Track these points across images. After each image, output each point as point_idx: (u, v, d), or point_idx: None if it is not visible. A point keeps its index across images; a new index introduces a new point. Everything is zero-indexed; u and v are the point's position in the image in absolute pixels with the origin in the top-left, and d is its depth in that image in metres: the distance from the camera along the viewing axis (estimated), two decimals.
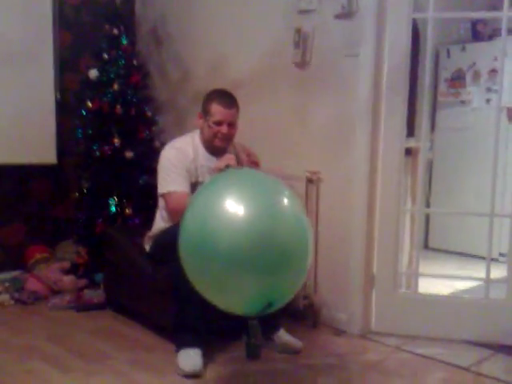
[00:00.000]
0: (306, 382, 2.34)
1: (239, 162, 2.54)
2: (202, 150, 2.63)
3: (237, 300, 1.98)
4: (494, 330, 2.70)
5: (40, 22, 3.55)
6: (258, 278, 1.86)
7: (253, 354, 2.48)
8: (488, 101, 4.49)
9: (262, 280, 1.87)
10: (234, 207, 1.85)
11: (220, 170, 2.29)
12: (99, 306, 3.12)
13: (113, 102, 3.39)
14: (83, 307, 3.11)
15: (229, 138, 2.60)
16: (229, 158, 2.38)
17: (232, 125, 2.57)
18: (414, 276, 2.92)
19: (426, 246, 4.85)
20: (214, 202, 1.90)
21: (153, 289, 2.70)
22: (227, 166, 2.28)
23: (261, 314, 1.97)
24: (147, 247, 2.75)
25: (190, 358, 2.36)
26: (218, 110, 2.54)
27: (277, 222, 1.87)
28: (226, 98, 2.58)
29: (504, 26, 2.66)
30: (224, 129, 2.55)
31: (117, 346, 2.62)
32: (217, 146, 2.60)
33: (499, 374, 2.39)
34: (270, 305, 1.94)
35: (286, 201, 1.94)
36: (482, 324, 2.73)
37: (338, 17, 2.79)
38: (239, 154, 2.68)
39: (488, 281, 2.78)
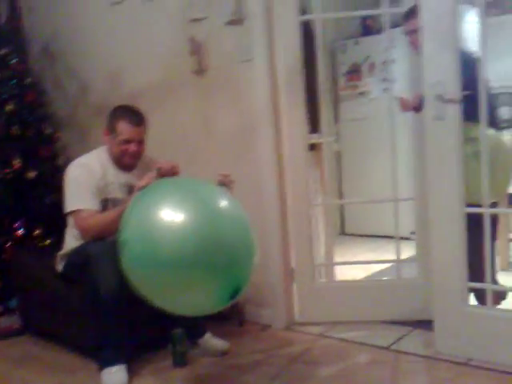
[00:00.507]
0: (232, 382, 2.36)
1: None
2: (110, 166, 2.58)
3: (204, 300, 1.99)
4: (409, 307, 2.82)
5: None
6: (214, 276, 1.90)
7: (179, 362, 2.49)
8: (385, 90, 4.71)
9: (221, 275, 1.91)
10: (172, 214, 1.88)
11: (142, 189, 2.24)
12: (17, 333, 3.00)
13: (9, 123, 3.26)
14: (0, 335, 2.97)
15: (138, 155, 2.57)
16: (149, 177, 2.31)
17: (141, 142, 2.55)
18: (331, 265, 3.03)
19: (343, 233, 5.04)
20: (150, 212, 1.91)
21: (68, 310, 2.62)
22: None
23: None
24: (59, 267, 2.66)
25: (114, 376, 2.31)
26: (125, 129, 2.50)
27: (218, 223, 1.93)
28: (133, 115, 2.54)
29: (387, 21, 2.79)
30: (133, 147, 2.52)
31: (39, 372, 2.53)
32: (126, 163, 2.57)
33: (418, 349, 2.50)
34: (236, 291, 1.97)
35: (223, 201, 2.01)
36: (397, 303, 2.85)
37: (229, 23, 2.83)
38: (149, 166, 2.66)
39: (398, 262, 2.92)
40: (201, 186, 2.12)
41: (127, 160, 2.56)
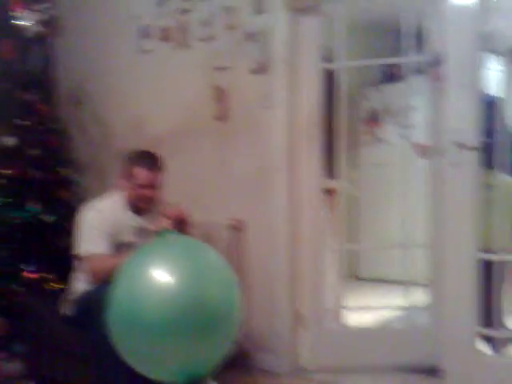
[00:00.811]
0: None
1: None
2: (124, 210, 2.61)
3: (162, 370, 1.97)
4: (421, 355, 2.75)
5: None
6: (183, 346, 1.87)
7: None
8: (402, 136, 4.70)
9: (187, 348, 1.88)
10: (161, 276, 1.90)
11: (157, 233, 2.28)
12: (20, 379, 2.96)
13: (31, 167, 3.34)
14: (5, 380, 2.95)
15: (154, 200, 2.59)
16: (166, 223, 2.36)
17: (156, 187, 2.57)
18: (341, 310, 2.97)
19: (357, 278, 4.96)
20: (141, 272, 1.93)
21: (75, 357, 2.60)
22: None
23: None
24: (67, 311, 2.65)
25: None
26: (141, 174, 2.53)
27: (204, 288, 1.93)
28: (150, 160, 2.58)
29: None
30: (148, 192, 2.54)
31: None
32: (141, 208, 2.59)
33: None
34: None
35: (213, 267, 2.01)
36: (409, 350, 2.80)
37: (252, 71, 2.92)
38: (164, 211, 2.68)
39: (410, 309, 2.89)
40: (197, 252, 2.10)
41: (142, 204, 2.58)
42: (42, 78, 3.73)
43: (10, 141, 3.39)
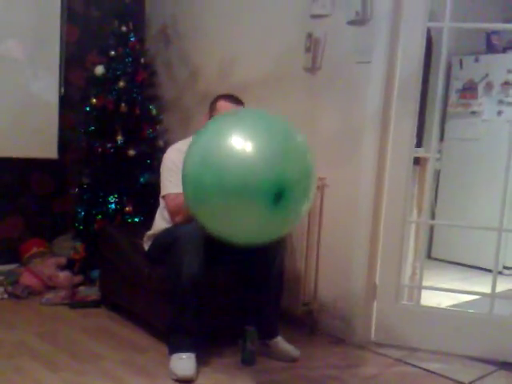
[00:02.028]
0: None
1: None
2: None
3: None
4: (497, 346, 2.63)
5: (48, 15, 3.51)
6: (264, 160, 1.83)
7: (248, 361, 2.44)
8: (499, 113, 4.43)
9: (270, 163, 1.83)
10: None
11: None
12: (94, 304, 3.06)
13: (117, 99, 3.35)
14: (77, 304, 3.06)
15: None
16: None
17: None
18: (417, 289, 2.86)
19: (428, 256, 4.79)
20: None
21: (149, 289, 2.64)
22: None
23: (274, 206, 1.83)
24: (146, 246, 2.70)
25: (183, 362, 2.29)
26: (224, 106, 2.53)
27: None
28: (234, 96, 2.59)
29: None
30: None
31: (109, 346, 2.56)
32: None
33: None
34: (280, 194, 1.82)
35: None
36: (484, 340, 2.66)
37: (351, 23, 2.75)
38: None
39: (493, 296, 2.71)
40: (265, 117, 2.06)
41: None
42: (135, 10, 3.71)
43: (99, 70, 3.41)
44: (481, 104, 4.53)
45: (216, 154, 1.87)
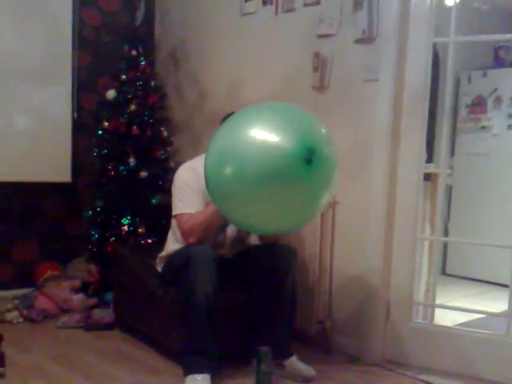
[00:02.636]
0: None
1: None
2: None
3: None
4: None
5: (59, 42, 3.59)
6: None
7: (263, 382, 2.41)
8: (510, 127, 4.43)
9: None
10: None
11: None
12: (108, 326, 3.07)
13: (129, 122, 3.40)
14: (92, 327, 3.06)
15: None
16: None
17: None
18: (430, 307, 2.83)
19: (443, 272, 4.75)
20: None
21: (163, 311, 2.64)
22: None
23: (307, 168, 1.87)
24: (159, 268, 2.71)
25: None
26: None
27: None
28: None
29: None
30: None
31: (124, 368, 2.56)
32: None
33: None
34: (311, 153, 1.87)
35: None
36: (503, 362, 2.56)
37: (357, 41, 2.78)
38: None
39: (510, 317, 2.61)
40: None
41: None
42: (145, 34, 3.78)
43: (111, 94, 3.46)
44: (490, 118, 4.53)
45: (233, 145, 1.92)
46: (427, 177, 2.99)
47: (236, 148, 1.92)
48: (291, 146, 1.85)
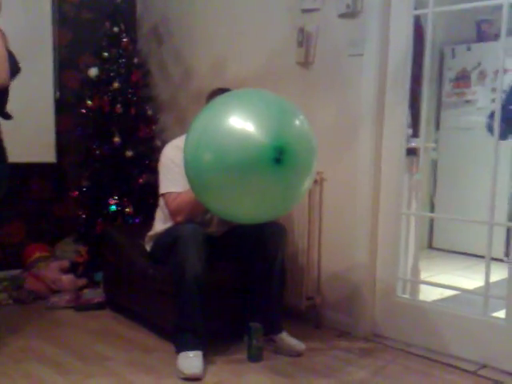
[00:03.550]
0: None
1: None
2: None
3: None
4: (492, 349, 2.49)
5: (39, 19, 3.52)
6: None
7: (254, 357, 2.45)
8: (493, 100, 4.44)
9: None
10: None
11: None
12: (98, 306, 3.08)
13: (113, 100, 3.36)
14: (82, 307, 3.07)
15: None
16: None
17: None
18: (416, 283, 2.87)
19: (430, 246, 4.82)
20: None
21: (153, 289, 2.65)
22: None
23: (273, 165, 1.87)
24: (148, 247, 2.71)
25: (190, 361, 2.31)
26: None
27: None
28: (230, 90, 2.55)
29: (504, 26, 2.55)
30: None
31: (116, 347, 2.58)
32: None
33: None
34: (279, 152, 1.87)
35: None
36: (477, 342, 2.53)
37: (342, 16, 2.76)
38: None
39: (487, 297, 2.57)
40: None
41: None
42: (127, 10, 3.70)
43: (93, 71, 3.41)
44: (475, 92, 4.55)
45: (210, 133, 1.92)
46: (413, 151, 3.01)
47: (213, 137, 1.93)
48: (261, 145, 1.86)
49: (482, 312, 2.55)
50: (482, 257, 4.17)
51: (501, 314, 2.54)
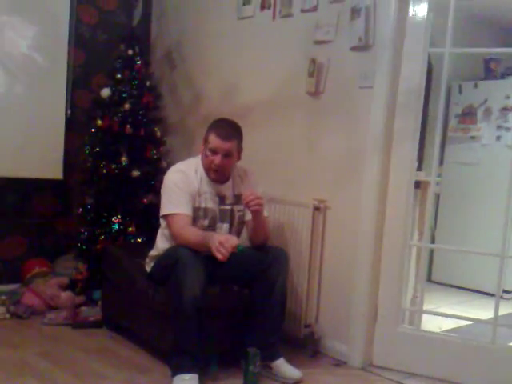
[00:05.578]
0: None
1: (242, 196, 2.58)
2: (204, 176, 2.62)
3: None
4: (502, 376, 2.56)
5: (55, 40, 3.59)
6: None
7: (250, 382, 2.43)
8: (498, 138, 4.50)
9: None
10: None
11: (232, 251, 2.32)
12: (96, 324, 3.06)
13: (123, 121, 3.40)
14: (79, 324, 3.05)
15: (222, 171, 2.58)
16: (233, 240, 2.36)
17: (227, 156, 2.55)
18: (418, 313, 2.87)
19: (428, 279, 4.79)
20: None
21: (151, 310, 2.64)
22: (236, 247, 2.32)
23: None
24: (148, 268, 2.71)
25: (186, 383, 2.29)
26: (213, 140, 2.54)
27: None
28: (226, 129, 2.57)
29: None
30: (217, 159, 2.53)
31: (111, 366, 2.56)
32: (211, 178, 2.59)
33: None
34: None
35: None
36: (488, 369, 2.60)
37: (354, 49, 2.80)
38: (243, 179, 2.70)
39: (495, 324, 2.66)
40: None
41: (212, 174, 2.58)
42: (141, 34, 3.78)
43: (105, 92, 3.46)
44: (480, 129, 4.59)
45: None
46: (417, 184, 3.03)
47: None
48: None
49: (491, 340, 2.58)
50: (480, 292, 4.23)
51: None
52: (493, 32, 4.71)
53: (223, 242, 2.30)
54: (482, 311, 2.81)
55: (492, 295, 2.68)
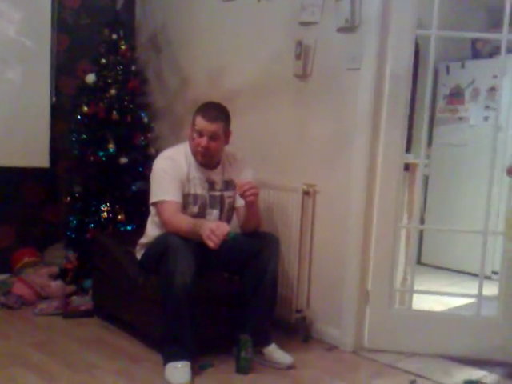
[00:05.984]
0: None
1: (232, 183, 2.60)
2: (193, 161, 2.60)
3: None
4: (487, 346, 2.68)
5: (38, 24, 3.51)
6: None
7: (243, 369, 2.44)
8: (486, 118, 4.49)
9: None
10: None
11: (224, 239, 2.28)
12: (87, 314, 3.05)
13: (109, 107, 3.35)
14: (70, 314, 3.04)
15: (209, 153, 2.56)
16: (224, 227, 2.33)
17: (214, 139, 2.52)
18: (409, 293, 2.89)
19: (418, 262, 4.83)
20: None
21: (142, 299, 2.63)
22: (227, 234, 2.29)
23: None
24: (138, 256, 2.70)
25: (178, 371, 2.30)
26: (199, 122, 2.52)
27: None
28: (212, 111, 2.55)
29: (504, 46, 2.66)
30: (204, 141, 2.51)
31: (103, 356, 2.56)
32: (199, 161, 2.57)
33: None
34: None
35: None
36: (474, 341, 2.72)
37: (340, 30, 2.78)
38: (233, 165, 2.68)
39: (480, 298, 2.76)
40: None
41: (199, 157, 2.56)
42: (126, 18, 3.71)
43: (90, 78, 3.41)
44: (467, 109, 4.59)
45: None
46: (405, 167, 3.03)
47: None
48: None
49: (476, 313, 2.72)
50: (468, 273, 4.27)
51: None
52: (479, 13, 4.68)
53: (214, 229, 2.29)
54: (471, 291, 2.86)
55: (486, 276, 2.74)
